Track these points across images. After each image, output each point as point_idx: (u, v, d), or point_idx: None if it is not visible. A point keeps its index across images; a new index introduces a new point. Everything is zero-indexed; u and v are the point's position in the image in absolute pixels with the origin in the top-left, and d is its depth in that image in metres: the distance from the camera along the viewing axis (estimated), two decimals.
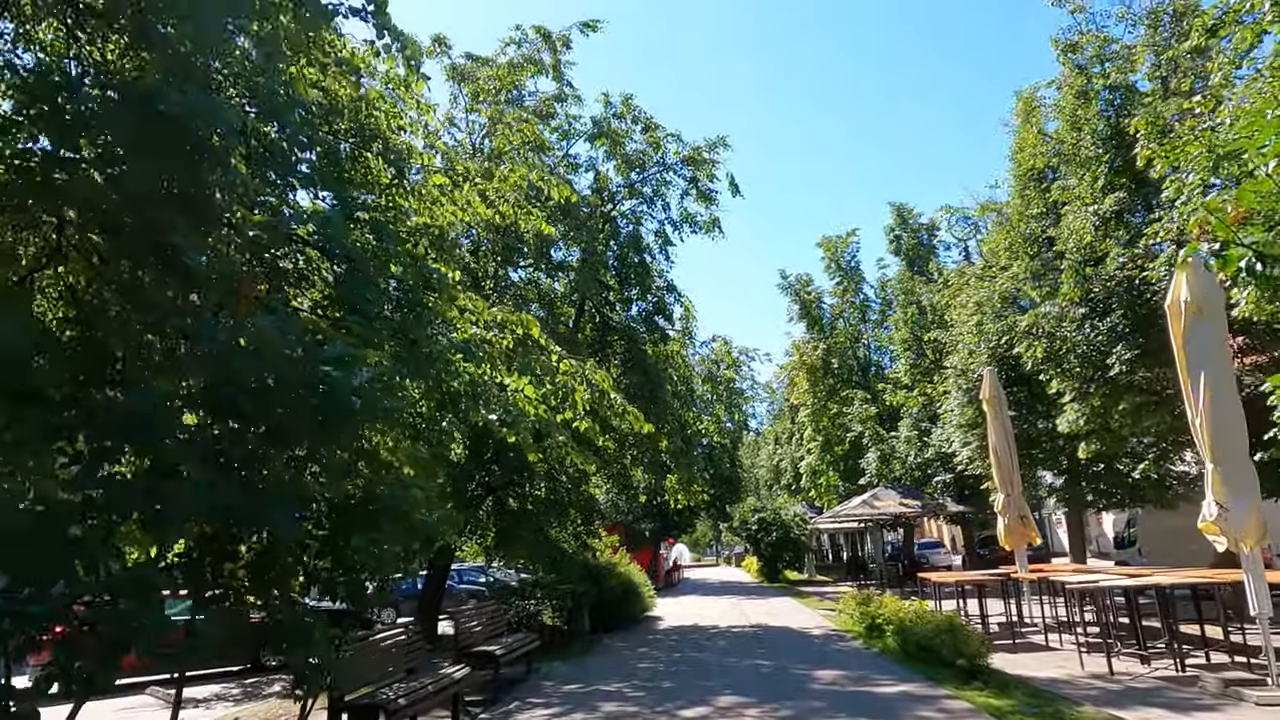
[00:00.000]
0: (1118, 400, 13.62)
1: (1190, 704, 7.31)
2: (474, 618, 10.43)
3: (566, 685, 10.24)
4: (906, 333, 27.17)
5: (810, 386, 33.38)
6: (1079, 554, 18.28)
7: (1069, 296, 14.37)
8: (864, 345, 35.14)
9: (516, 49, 17.69)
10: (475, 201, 7.13)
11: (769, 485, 51.06)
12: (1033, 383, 17.46)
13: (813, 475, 34.45)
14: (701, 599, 26.15)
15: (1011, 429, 14.46)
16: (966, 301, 18.90)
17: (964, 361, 18.39)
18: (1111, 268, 13.44)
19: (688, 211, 17.51)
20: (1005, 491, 13.98)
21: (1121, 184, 13.95)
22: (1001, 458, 14.13)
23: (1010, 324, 16.29)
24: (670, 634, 15.99)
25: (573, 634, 15.12)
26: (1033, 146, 17.26)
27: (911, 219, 32.79)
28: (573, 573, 15.30)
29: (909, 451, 25.64)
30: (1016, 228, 16.09)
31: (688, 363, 18.39)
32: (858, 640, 12.95)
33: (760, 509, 33.59)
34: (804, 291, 35.54)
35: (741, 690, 9.16)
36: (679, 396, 16.90)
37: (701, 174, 17.15)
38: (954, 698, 7.96)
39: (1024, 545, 14.17)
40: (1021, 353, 15.56)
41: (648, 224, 17.71)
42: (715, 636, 15.04)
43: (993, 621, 13.40)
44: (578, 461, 8.58)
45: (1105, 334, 13.51)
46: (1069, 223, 14.65)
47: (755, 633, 15.17)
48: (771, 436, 51.51)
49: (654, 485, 19.69)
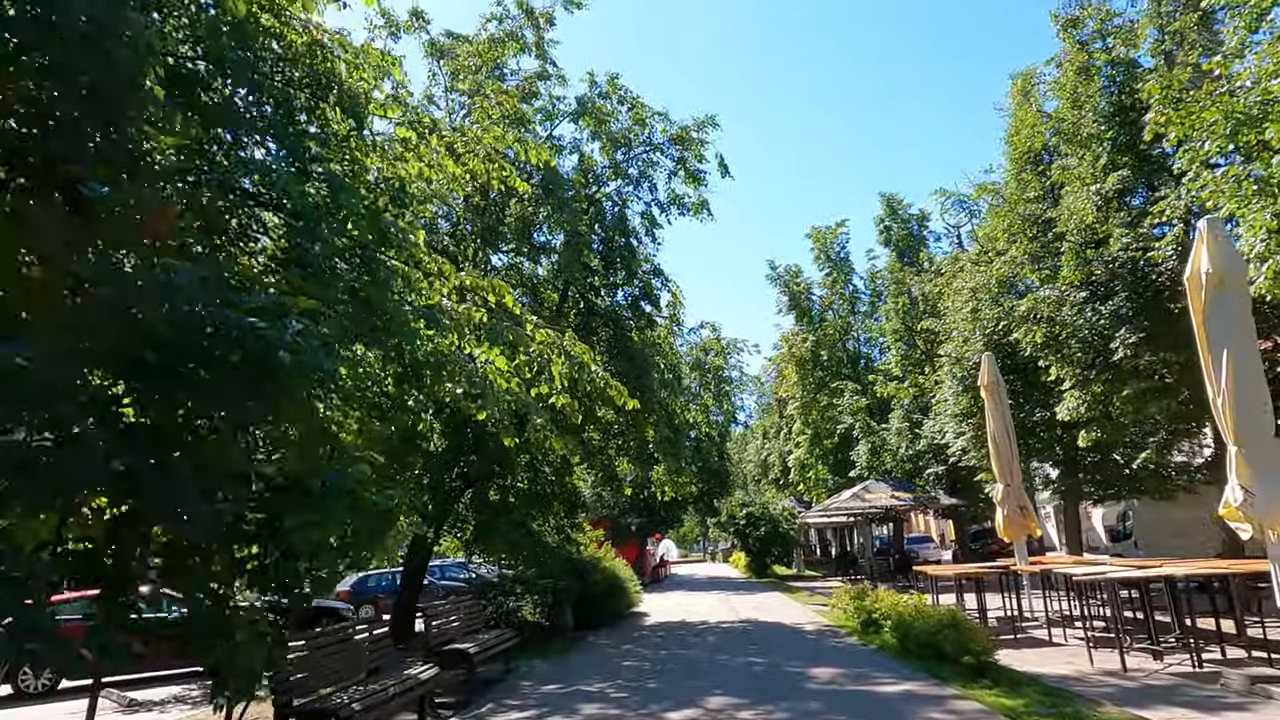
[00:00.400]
0: (1121, 386, 13.15)
1: (1216, 702, 6.79)
2: (447, 614, 9.79)
3: (546, 685, 9.62)
4: (898, 323, 26.71)
5: (799, 379, 32.90)
6: (1075, 547, 17.85)
7: (1069, 280, 13.88)
8: (854, 337, 34.70)
9: (498, 25, 17.03)
10: (443, 155, 6.49)
11: (756, 480, 50.60)
12: (1029, 371, 17.00)
13: (801, 469, 33.97)
14: (689, 594, 25.59)
15: (1010, 417, 13.96)
16: (961, 288, 18.42)
17: (958, 349, 17.90)
18: (1115, 249, 12.95)
19: (675, 193, 16.89)
20: (1004, 482, 13.47)
21: (1124, 162, 13.47)
22: (1000, 446, 13.62)
23: (1008, 309, 15.80)
24: (657, 630, 15.41)
25: (555, 630, 14.50)
26: (1030, 127, 16.78)
27: (901, 210, 32.37)
28: (555, 567, 14.68)
29: (900, 444, 25.19)
30: (1015, 209, 15.58)
31: (675, 350, 17.79)
32: (853, 636, 12.41)
33: (749, 503, 33.06)
34: (793, 283, 35.02)
35: (733, 690, 8.57)
36: (666, 385, 16.29)
37: (690, 154, 16.53)
38: (962, 697, 7.41)
39: (1024, 537, 13.67)
40: (1019, 338, 15.08)
41: (634, 206, 17.11)
42: (704, 632, 14.47)
43: (991, 616, 12.91)
44: (557, 447, 7.95)
45: (1108, 318, 13.02)
46: (1069, 203, 14.16)
47: (745, 628, 14.61)
48: (760, 431, 51.02)
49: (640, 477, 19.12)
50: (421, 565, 15.63)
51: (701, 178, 16.53)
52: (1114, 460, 16.65)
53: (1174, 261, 12.09)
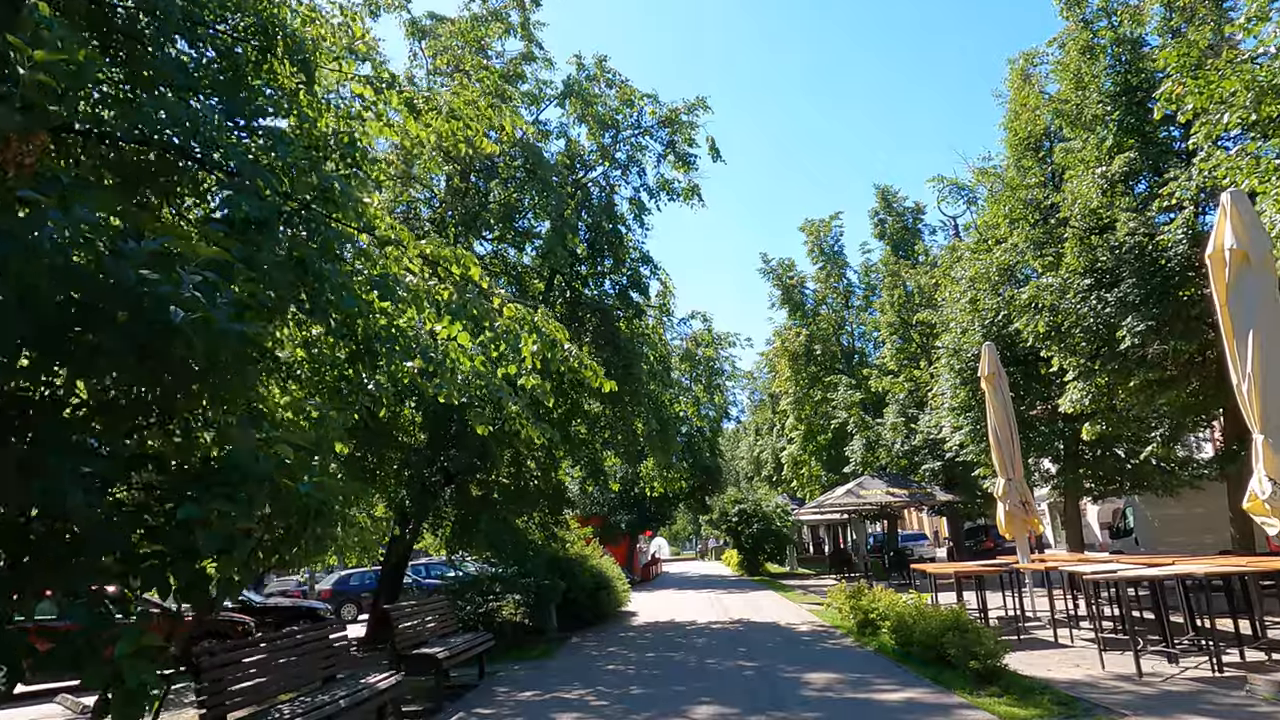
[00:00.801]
0: (1127, 377, 12.61)
1: (1245, 711, 6.25)
2: (416, 615, 9.18)
3: (523, 692, 9.02)
4: (893, 315, 26.18)
5: (792, 374, 32.37)
6: (1076, 544, 17.34)
7: (1073, 267, 13.34)
8: (848, 332, 34.19)
9: (481, 3, 16.41)
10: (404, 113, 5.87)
11: (749, 478, 50.10)
12: (1029, 363, 16.50)
13: (794, 465, 33.46)
14: (680, 593, 25.03)
15: (1012, 409, 13.44)
16: (960, 277, 17.88)
17: (956, 341, 17.35)
18: (1122, 233, 12.40)
19: (665, 178, 16.28)
20: (1005, 476, 12.95)
21: (1130, 144, 12.93)
22: (1001, 439, 13.10)
23: (1008, 298, 15.26)
24: (645, 631, 14.83)
25: (537, 632, 13.91)
26: (1031, 111, 16.24)
27: (896, 202, 31.88)
28: (538, 565, 14.10)
29: (895, 439, 24.66)
30: (1016, 194, 15.02)
31: (665, 341, 17.17)
32: (849, 638, 11.86)
33: (741, 500, 32.53)
34: (786, 276, 34.51)
35: (723, 697, 7.99)
36: (655, 376, 15.69)
37: (680, 137, 15.92)
38: (970, 706, 6.85)
39: (1026, 534, 13.16)
40: (1020, 328, 14.54)
41: (622, 192, 16.48)
42: (693, 634, 13.91)
43: (992, 615, 12.39)
44: (535, 437, 7.35)
45: (1114, 305, 12.48)
46: (1072, 188, 13.61)
47: (736, 630, 14.05)
48: (752, 428, 50.50)
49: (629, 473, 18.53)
50: (399, 564, 15.02)
51: (691, 162, 15.93)
52: (1115, 455, 16.14)
53: (1184, 246, 11.57)
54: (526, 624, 13.63)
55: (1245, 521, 12.35)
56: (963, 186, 17.70)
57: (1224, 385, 12.60)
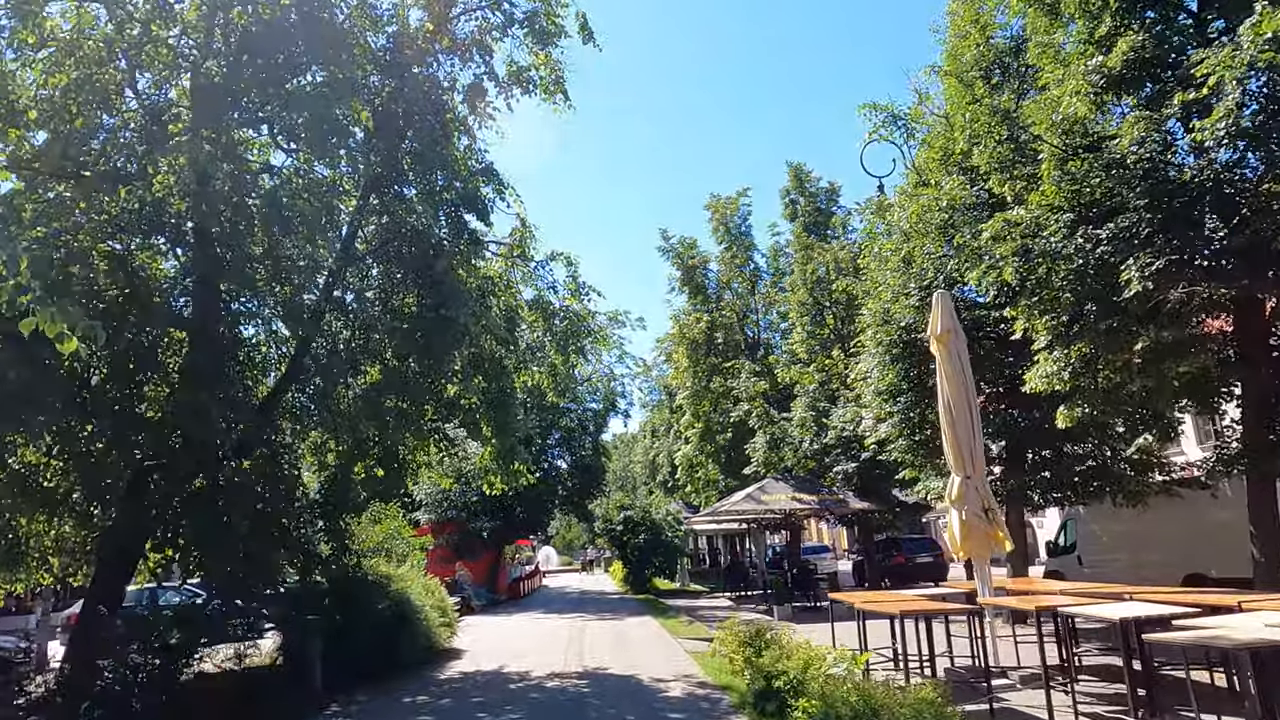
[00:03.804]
0: (1130, 340, 9.12)
1: None
2: None
3: None
4: (805, 294, 22.68)
5: (691, 364, 28.50)
6: (1020, 565, 14.00)
7: (1050, 198, 9.81)
8: (754, 322, 30.70)
9: None
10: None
11: (646, 484, 46.14)
12: (977, 333, 13.00)
13: (690, 468, 29.60)
14: (542, 618, 20.55)
15: (973, 379, 9.81)
16: (892, 232, 14.33)
17: (885, 308, 13.74)
18: (1126, 143, 8.89)
19: (516, 65, 11.90)
20: (962, 472, 9.26)
21: (1140, 26, 9.52)
22: (958, 421, 9.41)
23: (958, 245, 11.69)
24: (450, 692, 10.32)
25: (285, 690, 9.22)
26: (980, 29, 12.77)
27: (810, 183, 28.63)
28: (307, 591, 9.44)
29: (803, 436, 21.08)
30: (981, 103, 11.42)
31: (515, 289, 12.67)
32: (742, 714, 7.79)
33: (628, 506, 28.39)
34: (688, 256, 30.74)
35: None
36: (490, 329, 11.19)
37: (541, 7, 11.61)
38: None
39: (987, 554, 9.48)
40: (974, 280, 10.98)
41: (462, 78, 12.00)
42: (517, 697, 9.55)
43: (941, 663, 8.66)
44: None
45: (1111, 242, 8.94)
46: (1052, 94, 10.08)
47: (579, 691, 9.75)
48: (649, 429, 46.51)
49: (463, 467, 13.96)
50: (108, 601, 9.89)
51: (553, 40, 11.60)
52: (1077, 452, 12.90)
53: (1223, 149, 8.16)
54: (276, 671, 8.94)
55: (1276, 541, 9.07)
56: (899, 116, 14.34)
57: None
